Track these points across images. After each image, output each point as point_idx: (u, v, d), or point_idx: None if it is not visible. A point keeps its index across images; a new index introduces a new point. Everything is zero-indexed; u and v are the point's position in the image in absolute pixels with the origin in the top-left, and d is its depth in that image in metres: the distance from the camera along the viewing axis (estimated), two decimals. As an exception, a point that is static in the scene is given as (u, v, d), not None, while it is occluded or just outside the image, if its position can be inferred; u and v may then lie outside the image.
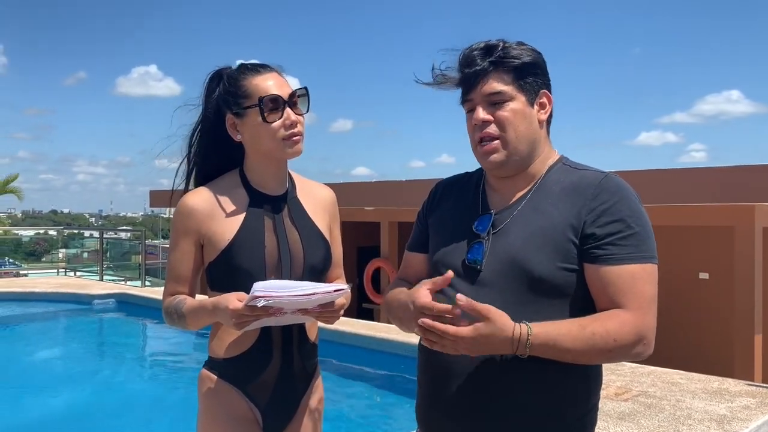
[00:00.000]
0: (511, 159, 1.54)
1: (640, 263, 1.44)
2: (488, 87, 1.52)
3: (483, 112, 1.53)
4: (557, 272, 1.46)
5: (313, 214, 1.91)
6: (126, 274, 13.27)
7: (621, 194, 1.47)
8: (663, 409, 4.39)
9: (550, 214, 1.50)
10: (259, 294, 1.52)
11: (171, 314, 1.83)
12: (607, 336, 1.39)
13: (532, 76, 1.55)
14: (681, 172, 8.45)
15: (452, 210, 1.67)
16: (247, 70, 1.82)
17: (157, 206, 19.50)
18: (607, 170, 1.55)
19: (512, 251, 1.49)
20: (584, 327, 1.40)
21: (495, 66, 1.52)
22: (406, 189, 11.05)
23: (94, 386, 6.55)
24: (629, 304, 1.42)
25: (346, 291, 1.60)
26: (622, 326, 1.40)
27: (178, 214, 1.83)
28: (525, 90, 1.54)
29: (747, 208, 7.90)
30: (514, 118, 1.52)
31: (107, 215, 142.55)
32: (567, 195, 1.51)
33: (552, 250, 1.46)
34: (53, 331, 9.52)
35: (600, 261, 1.44)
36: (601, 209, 1.46)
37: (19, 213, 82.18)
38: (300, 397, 1.90)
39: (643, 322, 1.42)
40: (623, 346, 1.40)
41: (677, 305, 9.63)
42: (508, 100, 1.52)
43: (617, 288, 1.43)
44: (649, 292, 1.44)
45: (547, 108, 1.58)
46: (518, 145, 1.54)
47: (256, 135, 1.79)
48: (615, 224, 1.44)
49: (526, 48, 1.56)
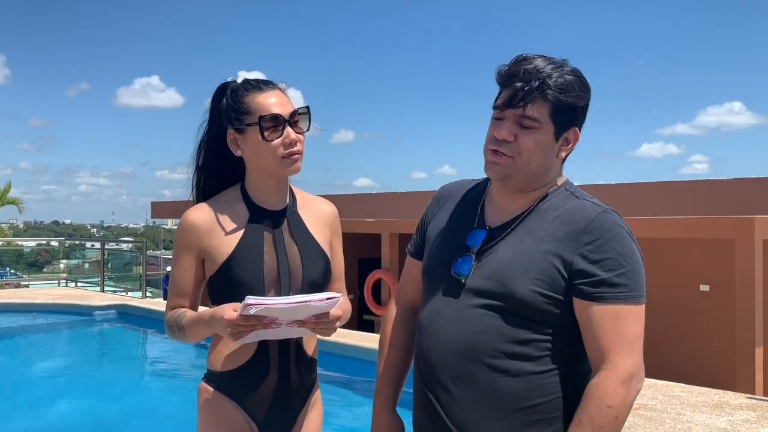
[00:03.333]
0: (513, 179, 1.54)
1: (625, 303, 1.43)
2: (526, 110, 1.47)
3: (508, 130, 1.49)
4: (537, 298, 1.45)
5: (314, 228, 1.92)
6: (127, 285, 13.28)
7: (614, 231, 1.45)
8: (663, 422, 4.38)
9: (540, 239, 1.49)
10: (251, 302, 1.54)
11: (172, 327, 1.85)
12: (601, 410, 1.39)
13: (571, 113, 1.51)
14: (682, 185, 8.48)
15: (449, 218, 1.68)
16: (250, 86, 1.83)
17: (158, 217, 19.57)
18: (606, 205, 1.53)
19: (498, 269, 1.50)
20: (580, 422, 1.40)
21: (541, 92, 1.47)
22: (407, 200, 11.09)
23: (95, 397, 6.54)
24: (610, 348, 1.42)
25: (338, 299, 1.62)
26: (606, 392, 1.39)
27: (179, 230, 1.85)
28: (556, 123, 1.50)
29: (747, 221, 7.92)
30: (535, 149, 1.50)
31: (109, 226, 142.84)
32: (562, 224, 1.49)
33: (536, 275, 1.46)
34: (54, 342, 9.50)
35: (587, 298, 1.44)
36: (592, 246, 1.44)
37: (21, 224, 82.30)
38: (297, 411, 1.91)
39: (623, 368, 1.40)
40: (621, 403, 1.40)
41: (678, 318, 9.62)
42: (537, 129, 1.49)
43: (601, 328, 1.42)
44: (632, 333, 1.43)
45: (570, 145, 1.56)
46: (527, 172, 1.52)
47: (256, 152, 1.81)
48: (604, 262, 1.43)
49: (578, 81, 1.50)
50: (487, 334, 1.48)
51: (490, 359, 1.47)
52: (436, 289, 1.60)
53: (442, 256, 1.62)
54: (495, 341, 1.47)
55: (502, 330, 1.47)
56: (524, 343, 1.47)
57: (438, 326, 1.55)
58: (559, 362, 1.48)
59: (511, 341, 1.47)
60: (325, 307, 1.63)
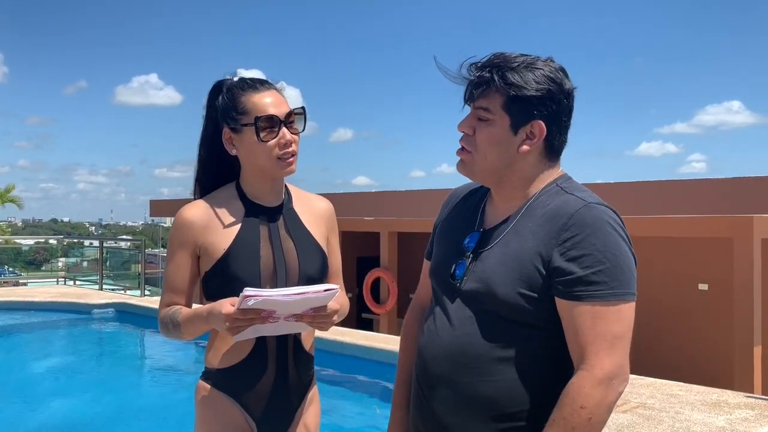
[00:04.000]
0: (476, 177, 1.56)
1: (605, 302, 1.37)
2: (477, 102, 1.50)
3: (467, 123, 1.52)
4: (517, 297, 1.43)
5: (310, 224, 1.93)
6: (125, 284, 13.25)
7: (595, 227, 1.39)
8: (662, 421, 4.38)
9: (525, 239, 1.46)
10: (249, 293, 1.54)
11: (167, 324, 1.84)
12: (574, 411, 1.34)
13: (528, 105, 1.45)
14: (680, 184, 8.49)
15: (453, 220, 1.69)
16: (247, 85, 1.84)
17: (157, 215, 19.55)
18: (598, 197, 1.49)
19: (486, 272, 1.49)
20: (554, 421, 1.36)
21: (491, 83, 1.46)
22: (406, 199, 11.08)
23: (93, 396, 6.54)
24: (588, 347, 1.37)
25: (336, 291, 1.62)
26: (580, 392, 1.35)
27: (174, 227, 1.86)
28: (511, 115, 1.47)
29: (746, 220, 7.92)
30: (489, 142, 1.49)
31: (107, 224, 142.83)
32: (545, 221, 1.45)
33: (517, 276, 1.43)
34: (52, 340, 9.50)
35: (564, 297, 1.40)
36: (570, 242, 1.39)
37: (20, 222, 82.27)
38: (295, 408, 1.91)
39: (601, 368, 1.35)
40: (595, 404, 1.34)
41: (676, 316, 9.63)
42: (491, 121, 1.48)
43: (578, 327, 1.38)
44: (611, 332, 1.36)
45: (535, 140, 1.48)
46: (483, 167, 1.52)
47: (251, 151, 1.82)
48: (581, 259, 1.38)
49: (542, 74, 1.46)
50: (474, 337, 1.47)
51: (476, 363, 1.46)
52: (437, 291, 1.61)
53: (443, 258, 1.62)
54: (482, 345, 1.46)
55: (489, 334, 1.46)
56: (511, 348, 1.45)
57: (433, 327, 1.56)
58: (547, 369, 1.45)
59: (498, 346, 1.45)
60: (324, 298, 1.63)
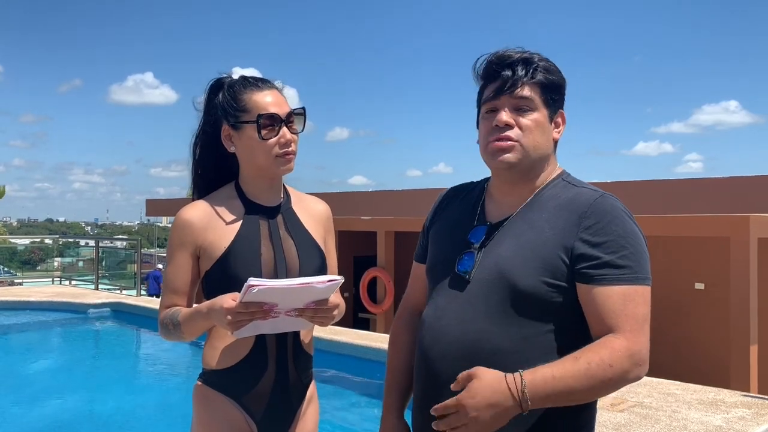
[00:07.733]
0: (522, 164, 1.54)
1: (632, 284, 1.41)
2: (522, 92, 1.53)
3: (508, 115, 1.53)
4: (541, 287, 1.45)
5: (308, 225, 1.93)
6: (121, 283, 13.24)
7: (614, 214, 1.46)
8: (659, 419, 4.39)
9: (541, 229, 1.49)
10: (253, 283, 1.53)
11: (166, 325, 1.83)
12: (602, 363, 1.36)
13: (557, 94, 1.58)
14: (677, 183, 8.48)
15: (451, 219, 1.69)
16: (248, 84, 1.84)
17: (153, 215, 19.50)
18: (603, 190, 1.54)
19: (500, 263, 1.50)
20: (577, 358, 1.37)
21: (531, 76, 1.54)
22: (402, 198, 11.07)
23: (89, 395, 6.52)
24: (620, 327, 1.40)
25: (339, 282, 1.62)
26: (614, 352, 1.36)
27: (174, 228, 1.85)
28: (548, 105, 1.56)
29: (742, 219, 7.94)
30: (536, 128, 1.53)
31: (103, 224, 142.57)
32: (561, 212, 1.50)
33: (539, 264, 1.45)
34: (48, 340, 9.49)
35: (591, 281, 1.43)
36: (593, 229, 1.44)
37: (15, 221, 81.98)
38: (296, 407, 1.90)
39: (635, 344, 1.38)
40: (620, 371, 1.36)
41: (673, 315, 9.65)
42: (534, 110, 1.53)
43: (608, 309, 1.40)
44: (640, 314, 1.41)
45: (560, 128, 1.61)
46: (532, 154, 1.54)
47: (250, 149, 1.82)
48: (606, 245, 1.42)
49: (555, 68, 1.58)
50: (486, 333, 1.47)
51: (491, 358, 1.45)
52: (440, 287, 1.60)
53: (445, 254, 1.62)
54: (498, 339, 1.46)
55: (505, 327, 1.46)
56: (527, 341, 1.45)
57: (441, 324, 1.54)
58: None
59: (514, 339, 1.45)
60: (327, 290, 1.62)
